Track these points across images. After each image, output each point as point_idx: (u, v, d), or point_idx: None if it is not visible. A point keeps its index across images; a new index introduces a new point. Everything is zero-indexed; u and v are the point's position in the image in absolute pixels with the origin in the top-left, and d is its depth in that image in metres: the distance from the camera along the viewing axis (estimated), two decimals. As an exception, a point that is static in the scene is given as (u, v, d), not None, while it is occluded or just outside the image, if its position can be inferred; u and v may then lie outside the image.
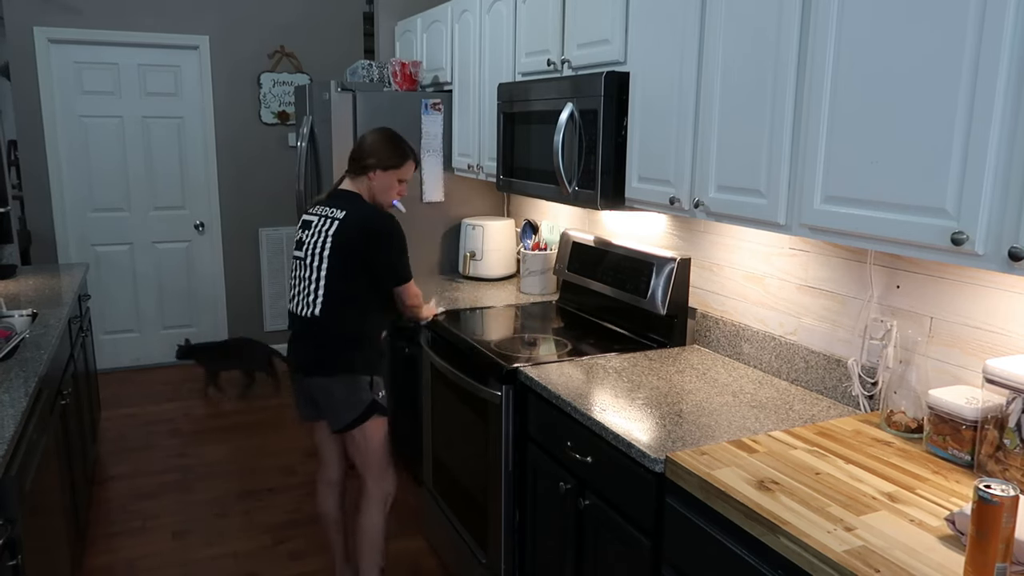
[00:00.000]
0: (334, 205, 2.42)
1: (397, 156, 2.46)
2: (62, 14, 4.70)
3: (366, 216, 2.38)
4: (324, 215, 2.42)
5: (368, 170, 2.43)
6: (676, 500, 1.64)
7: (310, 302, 2.40)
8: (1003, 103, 1.28)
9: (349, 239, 2.36)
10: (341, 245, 2.36)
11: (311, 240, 2.41)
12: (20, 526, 1.78)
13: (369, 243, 2.36)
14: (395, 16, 4.51)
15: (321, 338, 2.41)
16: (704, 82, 1.98)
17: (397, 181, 2.48)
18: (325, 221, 2.40)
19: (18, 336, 2.53)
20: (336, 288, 2.38)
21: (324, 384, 2.43)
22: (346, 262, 2.36)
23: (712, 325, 2.49)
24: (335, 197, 2.45)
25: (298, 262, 2.46)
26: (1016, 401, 1.46)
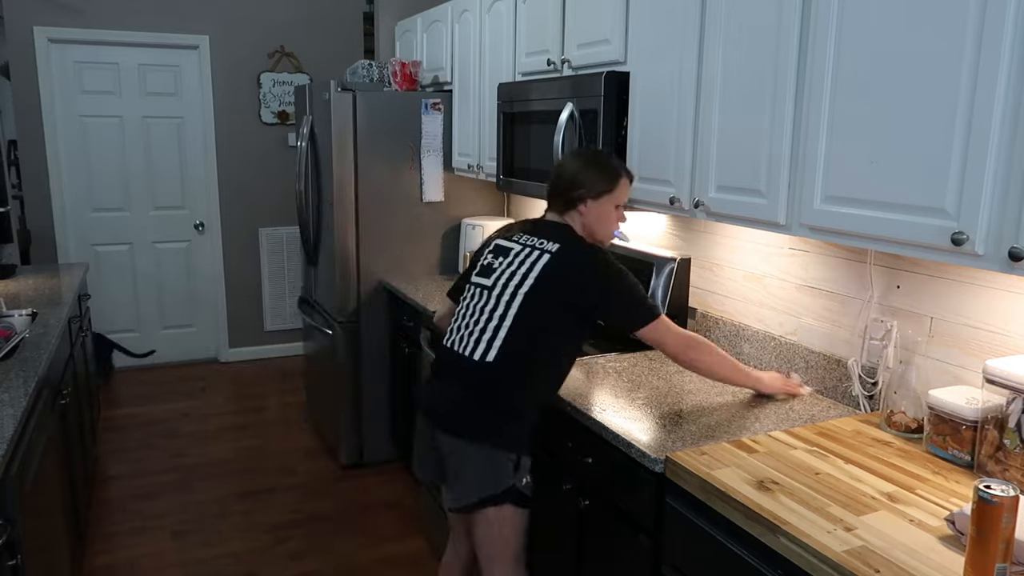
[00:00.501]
0: (544, 236, 2.00)
1: (607, 178, 2.01)
2: (62, 14, 4.70)
3: (585, 256, 1.94)
4: (530, 244, 1.99)
5: (577, 203, 2.00)
6: (676, 500, 1.64)
7: (484, 342, 1.93)
8: (1003, 103, 1.28)
9: (562, 279, 1.92)
10: (550, 283, 1.91)
11: (507, 269, 1.97)
12: (20, 526, 1.77)
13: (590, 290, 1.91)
14: (395, 16, 4.51)
15: (480, 389, 1.93)
16: (704, 82, 1.98)
17: (614, 207, 2.04)
18: (532, 252, 1.97)
19: (18, 336, 2.53)
20: (525, 335, 1.92)
21: (460, 447, 1.94)
22: (549, 306, 1.92)
23: (712, 325, 2.49)
24: (542, 227, 2.05)
25: (479, 291, 2.01)
26: (1016, 401, 1.46)
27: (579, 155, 2.09)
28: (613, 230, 2.08)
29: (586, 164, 2.02)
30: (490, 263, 2.04)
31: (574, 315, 1.94)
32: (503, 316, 1.93)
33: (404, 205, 3.65)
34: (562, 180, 2.03)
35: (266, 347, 5.50)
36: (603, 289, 1.92)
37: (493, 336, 1.93)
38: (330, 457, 3.87)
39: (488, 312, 1.96)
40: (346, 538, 3.15)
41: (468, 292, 2.06)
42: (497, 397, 1.93)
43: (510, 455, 1.94)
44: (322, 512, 3.35)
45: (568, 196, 2.01)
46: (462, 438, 1.94)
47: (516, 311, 1.92)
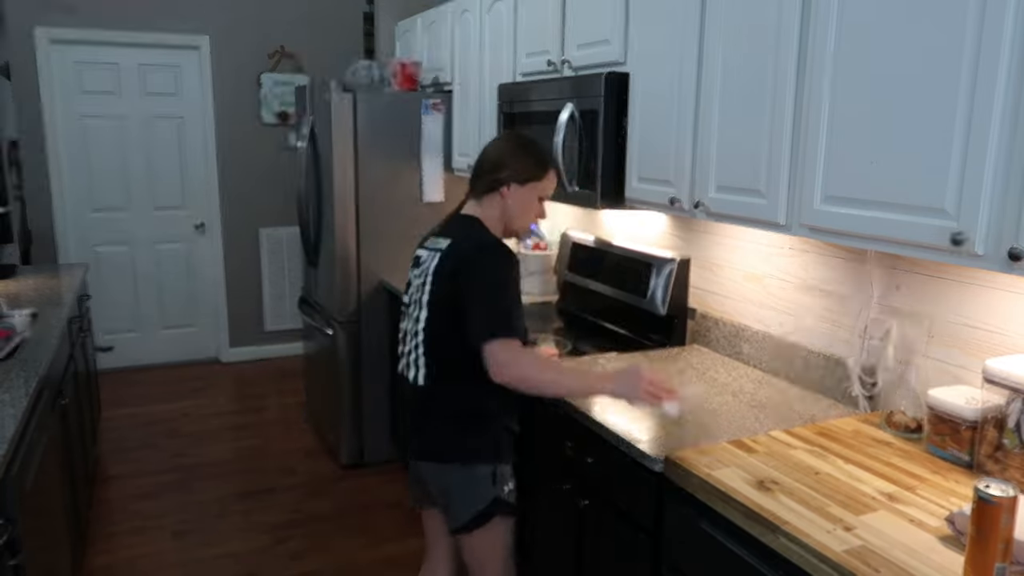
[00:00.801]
0: (445, 234, 1.91)
1: (536, 165, 1.92)
2: (62, 14, 4.70)
3: (474, 243, 1.84)
4: (432, 248, 1.91)
5: (500, 184, 1.89)
6: (676, 500, 1.64)
7: (412, 363, 1.87)
8: (1003, 103, 1.28)
9: (448, 274, 1.82)
10: (441, 285, 1.82)
11: (415, 282, 1.91)
12: (20, 526, 1.78)
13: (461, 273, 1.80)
14: (395, 16, 4.51)
15: (427, 413, 1.88)
16: (704, 82, 1.98)
17: (537, 198, 1.95)
18: (432, 255, 1.88)
19: (18, 336, 2.53)
20: (440, 346, 1.83)
21: (436, 472, 1.91)
22: (449, 308, 1.81)
23: (712, 325, 2.49)
24: (450, 223, 1.96)
25: (404, 310, 1.94)
26: (1016, 401, 1.46)
27: (510, 138, 2.01)
28: (531, 222, 1.99)
29: (517, 148, 1.93)
30: (409, 279, 1.96)
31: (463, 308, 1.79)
32: (417, 334, 1.86)
33: (404, 205, 3.65)
34: (488, 161, 1.92)
35: (266, 347, 5.50)
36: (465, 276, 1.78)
37: (417, 356, 1.86)
38: (330, 457, 3.87)
39: (411, 332, 1.89)
40: (346, 538, 3.15)
41: (402, 313, 1.98)
42: (444, 417, 1.86)
43: (484, 467, 1.87)
44: (322, 512, 3.35)
45: (493, 177, 1.90)
46: (433, 461, 1.91)
47: (424, 325, 1.84)
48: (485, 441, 1.88)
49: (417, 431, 1.93)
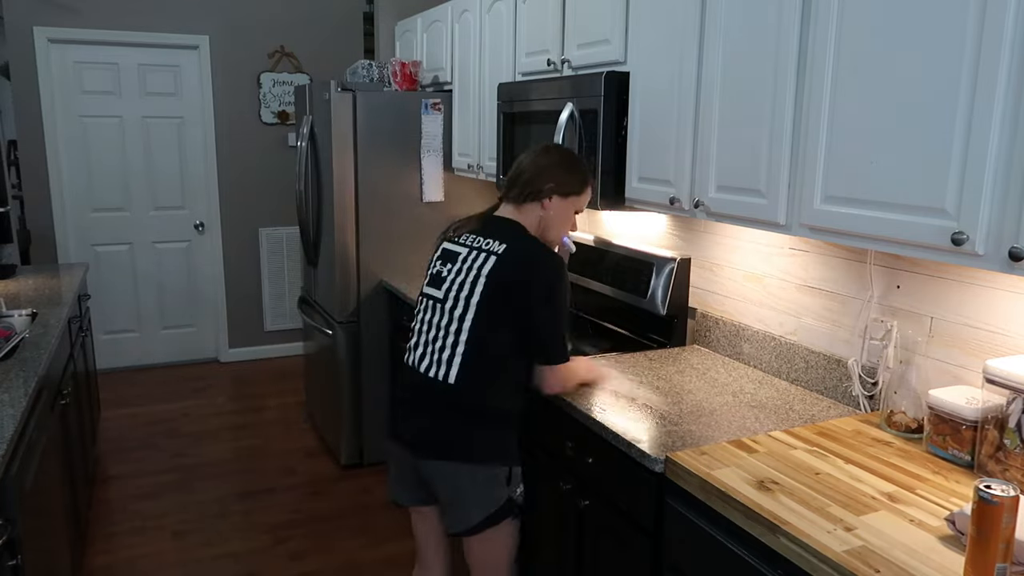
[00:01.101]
0: (491, 236, 1.89)
1: (581, 181, 1.98)
2: (62, 14, 4.70)
3: (535, 253, 1.86)
4: (477, 247, 1.88)
5: (544, 196, 1.92)
6: (676, 500, 1.64)
7: (443, 360, 1.85)
8: (1003, 103, 1.28)
9: (510, 281, 1.83)
10: (498, 289, 1.82)
11: (456, 278, 1.87)
12: (20, 526, 1.77)
13: (533, 289, 1.83)
14: (395, 16, 4.51)
15: (453, 411, 1.87)
16: (704, 82, 1.98)
17: (574, 211, 1.99)
18: (479, 255, 1.86)
19: (18, 336, 2.53)
20: (483, 346, 1.84)
21: (450, 472, 1.87)
22: (500, 311, 1.83)
23: (712, 325, 2.49)
24: (491, 224, 1.94)
25: (431, 304, 1.91)
26: (1016, 401, 1.46)
27: (556, 151, 2.01)
28: (565, 234, 2.03)
29: (563, 161, 1.97)
30: (439, 271, 1.94)
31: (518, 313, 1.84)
32: (458, 332, 1.84)
33: (404, 205, 3.65)
34: (531, 170, 1.95)
35: (266, 347, 5.50)
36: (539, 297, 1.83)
37: (452, 354, 1.84)
38: (330, 457, 3.87)
39: (444, 328, 1.87)
40: (346, 538, 3.15)
41: (422, 304, 1.96)
42: (471, 416, 1.86)
43: (501, 468, 1.90)
44: (322, 512, 3.35)
45: (535, 187, 1.92)
46: (450, 460, 1.87)
47: (470, 326, 1.83)
48: (506, 442, 1.91)
49: (431, 428, 1.89)
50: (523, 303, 1.83)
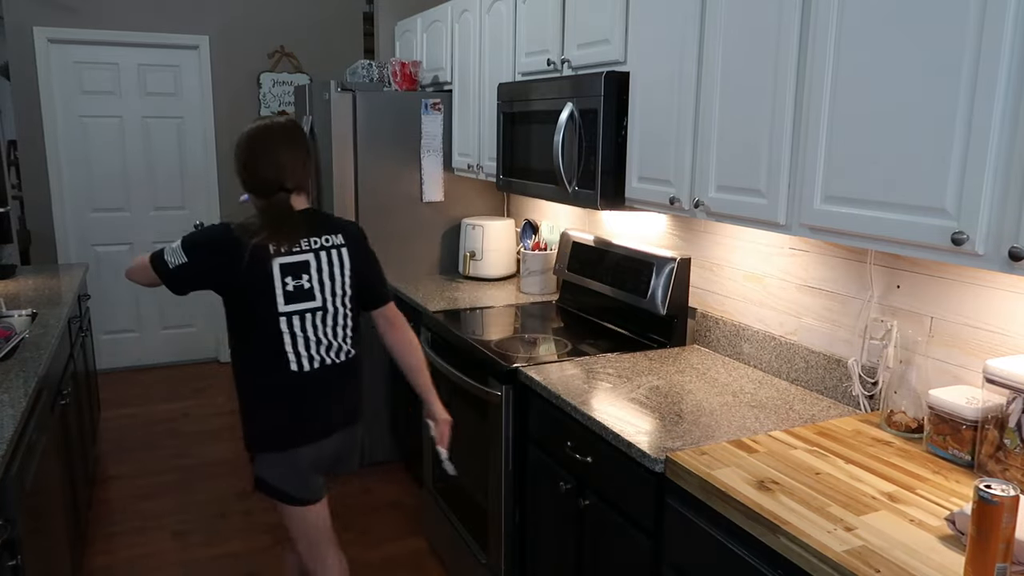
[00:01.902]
0: (321, 232, 2.03)
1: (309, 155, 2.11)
2: (62, 14, 4.70)
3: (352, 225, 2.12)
4: (319, 247, 2.01)
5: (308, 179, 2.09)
6: (676, 500, 1.64)
7: (340, 344, 2.07)
8: (1003, 103, 1.28)
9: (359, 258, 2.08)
10: (356, 269, 2.08)
11: (324, 282, 2.01)
12: (20, 526, 1.78)
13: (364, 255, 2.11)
14: (395, 16, 4.51)
15: (354, 375, 2.13)
16: (704, 82, 1.98)
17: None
18: (329, 253, 2.03)
19: (18, 336, 2.53)
20: (356, 317, 2.13)
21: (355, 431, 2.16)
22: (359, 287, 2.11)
23: (712, 325, 2.49)
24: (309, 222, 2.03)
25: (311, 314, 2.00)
26: (1016, 401, 1.46)
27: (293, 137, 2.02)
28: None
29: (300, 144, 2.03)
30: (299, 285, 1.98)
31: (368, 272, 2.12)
32: (345, 316, 2.07)
33: (404, 205, 3.65)
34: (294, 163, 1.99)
35: (266, 347, 5.49)
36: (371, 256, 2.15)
37: (345, 334, 2.09)
38: None
39: (333, 321, 2.05)
40: (346, 538, 3.15)
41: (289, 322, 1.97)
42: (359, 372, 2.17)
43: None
44: (322, 512, 3.35)
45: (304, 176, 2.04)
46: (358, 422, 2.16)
47: (351, 307, 2.09)
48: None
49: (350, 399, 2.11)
50: (367, 267, 2.11)
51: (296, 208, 2.02)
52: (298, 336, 1.99)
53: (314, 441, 2.03)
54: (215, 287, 1.99)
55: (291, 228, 1.98)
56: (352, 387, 2.11)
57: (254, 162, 1.96)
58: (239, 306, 1.98)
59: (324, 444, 2.05)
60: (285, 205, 1.99)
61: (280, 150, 1.97)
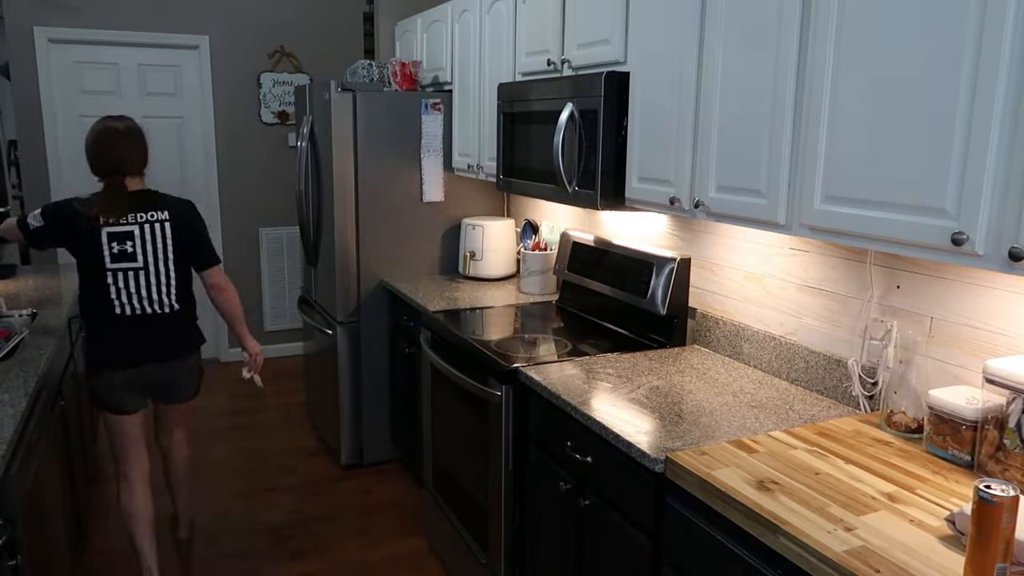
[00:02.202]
0: (147, 208, 2.61)
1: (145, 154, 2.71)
2: (62, 14, 4.70)
3: (187, 207, 2.70)
4: (146, 220, 2.60)
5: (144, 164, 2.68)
6: (676, 500, 1.64)
7: (163, 297, 2.64)
8: (1003, 103, 1.28)
9: (184, 230, 2.66)
10: (181, 240, 2.65)
11: (146, 247, 2.60)
12: (20, 526, 1.78)
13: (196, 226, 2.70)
14: (395, 16, 4.51)
15: (176, 326, 2.70)
16: (704, 82, 1.98)
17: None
18: (155, 226, 2.61)
19: (18, 336, 2.53)
20: (182, 280, 2.70)
21: (183, 363, 2.75)
22: (186, 254, 2.69)
23: (712, 325, 2.49)
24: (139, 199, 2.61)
25: (133, 272, 2.59)
26: (1016, 401, 1.46)
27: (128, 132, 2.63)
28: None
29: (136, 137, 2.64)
30: (122, 250, 2.58)
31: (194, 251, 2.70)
32: (168, 276, 2.64)
33: (404, 205, 3.65)
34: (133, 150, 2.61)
35: (266, 347, 5.50)
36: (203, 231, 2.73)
37: (168, 290, 2.65)
38: (330, 457, 3.87)
39: (157, 280, 2.63)
40: (346, 538, 3.15)
41: (114, 277, 2.58)
42: (185, 324, 2.73)
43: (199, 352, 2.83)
44: (322, 512, 3.35)
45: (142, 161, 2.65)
46: (180, 358, 2.72)
47: (175, 269, 2.65)
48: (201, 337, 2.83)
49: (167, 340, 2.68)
50: (191, 238, 2.67)
51: (130, 189, 2.59)
52: (121, 288, 2.58)
53: (123, 368, 2.61)
54: (64, 246, 2.59)
55: (121, 205, 2.57)
56: (171, 332, 2.68)
57: (98, 154, 2.57)
58: (80, 262, 2.58)
59: (136, 372, 2.63)
60: (120, 187, 2.58)
61: (119, 146, 2.58)
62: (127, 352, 2.62)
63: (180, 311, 2.69)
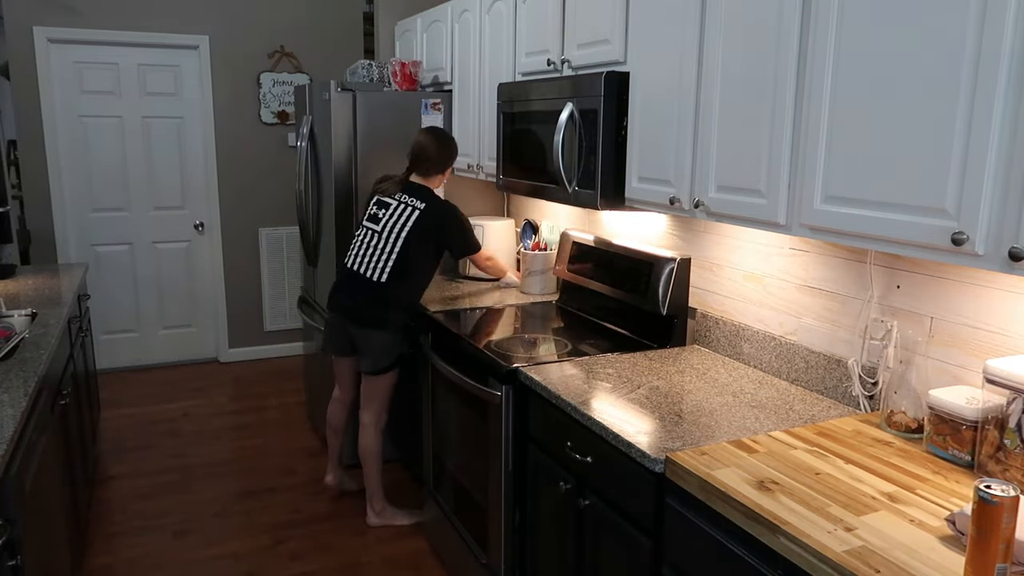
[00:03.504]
0: (414, 195, 2.95)
1: (453, 156, 3.06)
2: (62, 14, 4.70)
3: (444, 210, 2.95)
4: (404, 202, 2.95)
5: (439, 171, 3.03)
6: (676, 500, 1.64)
7: (378, 268, 2.93)
8: (1003, 103, 1.28)
9: (429, 226, 2.91)
10: (421, 231, 2.90)
11: (390, 219, 2.94)
12: (20, 526, 1.78)
13: (446, 230, 2.95)
14: (395, 16, 4.51)
15: (378, 298, 2.95)
16: (704, 82, 1.98)
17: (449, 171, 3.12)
18: (406, 208, 2.93)
19: (18, 336, 2.53)
20: (404, 263, 2.91)
21: (372, 335, 2.98)
22: (421, 244, 2.91)
23: (712, 325, 2.49)
24: (412, 188, 2.98)
25: (371, 233, 2.98)
26: (1016, 401, 1.46)
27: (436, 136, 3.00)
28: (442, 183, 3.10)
29: (444, 144, 3.01)
30: (375, 213, 3.00)
31: (434, 247, 2.96)
32: (390, 251, 2.91)
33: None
34: (428, 156, 2.97)
35: (266, 347, 5.50)
36: (453, 233, 2.96)
37: (385, 264, 2.92)
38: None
39: (379, 248, 2.94)
40: (346, 538, 3.15)
41: (361, 232, 3.03)
42: (391, 301, 2.96)
43: (398, 335, 3.03)
44: (322, 512, 3.35)
45: (435, 166, 2.99)
46: (375, 329, 2.97)
47: (400, 247, 2.90)
48: (401, 319, 3.02)
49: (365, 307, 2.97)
50: (441, 237, 2.95)
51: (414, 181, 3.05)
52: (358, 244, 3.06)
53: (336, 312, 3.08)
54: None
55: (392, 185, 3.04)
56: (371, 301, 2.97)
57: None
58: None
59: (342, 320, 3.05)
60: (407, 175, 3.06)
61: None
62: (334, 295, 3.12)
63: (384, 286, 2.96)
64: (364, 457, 3.18)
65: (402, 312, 2.99)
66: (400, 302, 2.96)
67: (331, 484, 3.41)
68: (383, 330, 2.97)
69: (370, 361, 3.02)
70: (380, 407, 3.13)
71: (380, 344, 2.99)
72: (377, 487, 3.23)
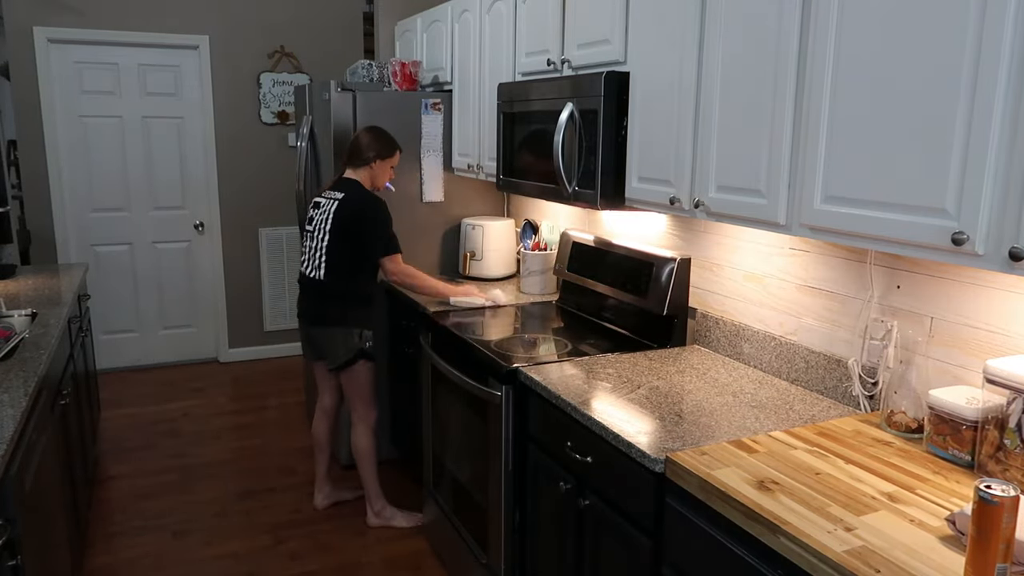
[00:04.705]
0: (337, 189, 3.00)
1: (391, 148, 3.07)
2: (62, 14, 4.70)
3: (360, 198, 2.96)
4: (328, 197, 3.01)
5: (370, 162, 3.02)
6: (676, 500, 1.64)
7: (317, 266, 2.99)
8: (1003, 103, 1.28)
9: (346, 216, 2.93)
10: (341, 221, 2.93)
11: (318, 217, 3.00)
12: (20, 526, 1.77)
13: (361, 220, 2.93)
14: (395, 16, 4.51)
15: (323, 296, 3.01)
16: (704, 82, 1.98)
17: (390, 167, 3.09)
18: (330, 202, 2.99)
19: (18, 336, 2.53)
20: (335, 257, 2.96)
21: (324, 332, 3.05)
22: (343, 235, 2.94)
23: (712, 325, 2.49)
24: (339, 183, 3.02)
25: (307, 234, 3.05)
26: (1016, 401, 1.46)
27: (373, 130, 3.07)
28: (386, 182, 3.11)
29: (378, 137, 3.05)
30: (311, 215, 3.06)
31: (355, 236, 2.95)
32: (321, 248, 2.98)
33: (404, 205, 3.65)
34: (361, 146, 3.02)
35: (266, 347, 5.50)
36: (365, 223, 2.95)
37: (319, 262, 2.99)
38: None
39: (313, 247, 3.02)
40: (346, 538, 3.15)
41: (304, 238, 3.10)
42: (333, 298, 3.00)
43: (354, 330, 3.03)
44: (322, 512, 3.35)
45: (365, 156, 3.02)
46: (323, 326, 3.04)
47: (327, 243, 2.96)
48: (355, 315, 3.04)
49: (314, 307, 3.05)
50: (359, 227, 2.95)
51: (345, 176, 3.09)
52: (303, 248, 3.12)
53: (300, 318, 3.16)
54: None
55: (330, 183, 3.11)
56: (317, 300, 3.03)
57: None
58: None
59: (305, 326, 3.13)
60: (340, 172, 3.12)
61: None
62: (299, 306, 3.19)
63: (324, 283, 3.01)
64: (357, 457, 3.19)
65: (354, 307, 3.02)
66: (345, 297, 3.00)
67: (320, 506, 3.37)
68: (334, 326, 3.01)
69: (329, 358, 3.07)
70: (363, 404, 3.14)
71: (332, 340, 3.02)
72: (375, 487, 3.22)
